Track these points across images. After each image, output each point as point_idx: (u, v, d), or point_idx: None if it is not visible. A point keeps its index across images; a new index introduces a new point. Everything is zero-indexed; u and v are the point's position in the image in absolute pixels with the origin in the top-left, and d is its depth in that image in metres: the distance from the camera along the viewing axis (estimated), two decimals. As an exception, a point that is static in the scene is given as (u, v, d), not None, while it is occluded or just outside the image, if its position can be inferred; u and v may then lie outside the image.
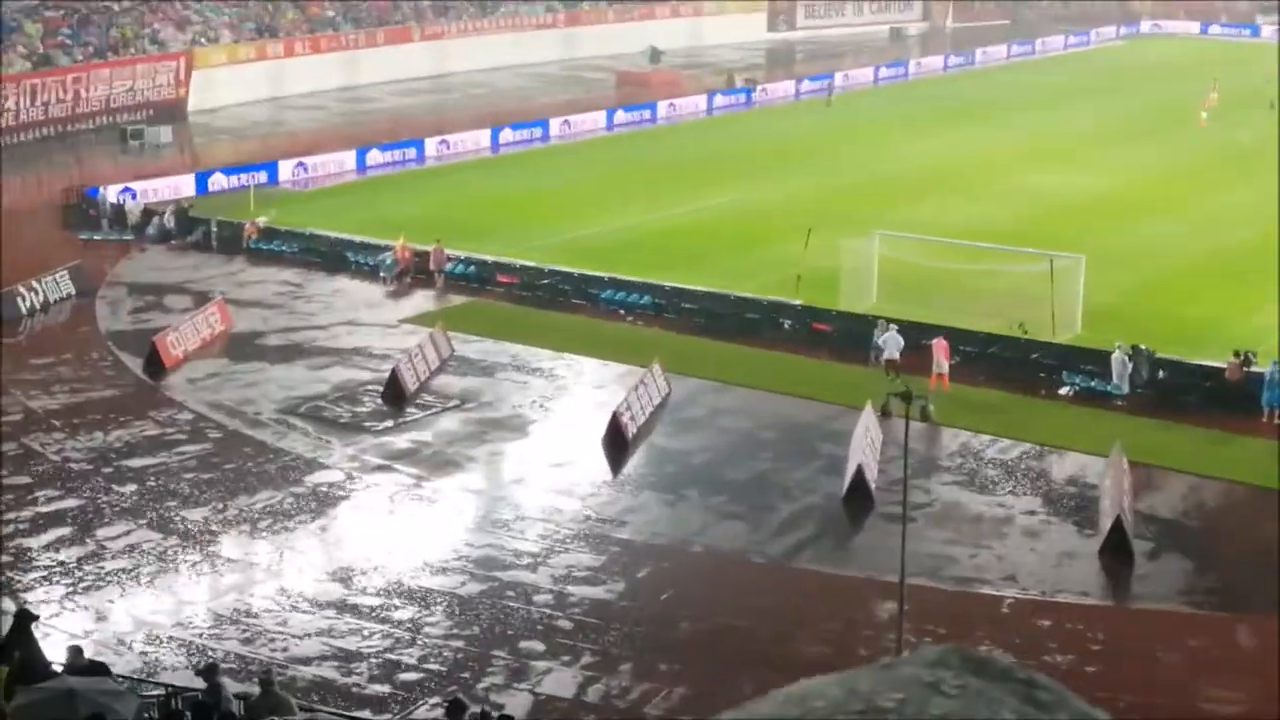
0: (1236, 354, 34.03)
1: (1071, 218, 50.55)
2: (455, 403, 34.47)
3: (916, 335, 35.88)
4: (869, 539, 27.58)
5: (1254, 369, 33.67)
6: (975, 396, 34.49)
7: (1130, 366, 34.42)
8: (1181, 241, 47.75)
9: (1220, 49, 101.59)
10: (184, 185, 54.64)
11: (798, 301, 39.92)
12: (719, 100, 77.84)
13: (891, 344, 35.38)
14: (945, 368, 34.58)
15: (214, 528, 27.82)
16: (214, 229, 48.37)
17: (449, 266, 44.20)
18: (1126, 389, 34.33)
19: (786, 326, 39.20)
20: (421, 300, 43.10)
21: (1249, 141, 64.55)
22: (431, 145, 63.56)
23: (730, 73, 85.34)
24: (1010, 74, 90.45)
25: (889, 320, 36.34)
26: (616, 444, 31.72)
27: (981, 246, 41.79)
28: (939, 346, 34.74)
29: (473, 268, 44.40)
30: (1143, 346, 34.75)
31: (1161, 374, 34.70)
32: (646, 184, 56.77)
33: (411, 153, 62.54)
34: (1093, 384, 34.76)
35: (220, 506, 28.74)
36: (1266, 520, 28.22)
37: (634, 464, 31.30)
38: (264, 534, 27.63)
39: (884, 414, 31.79)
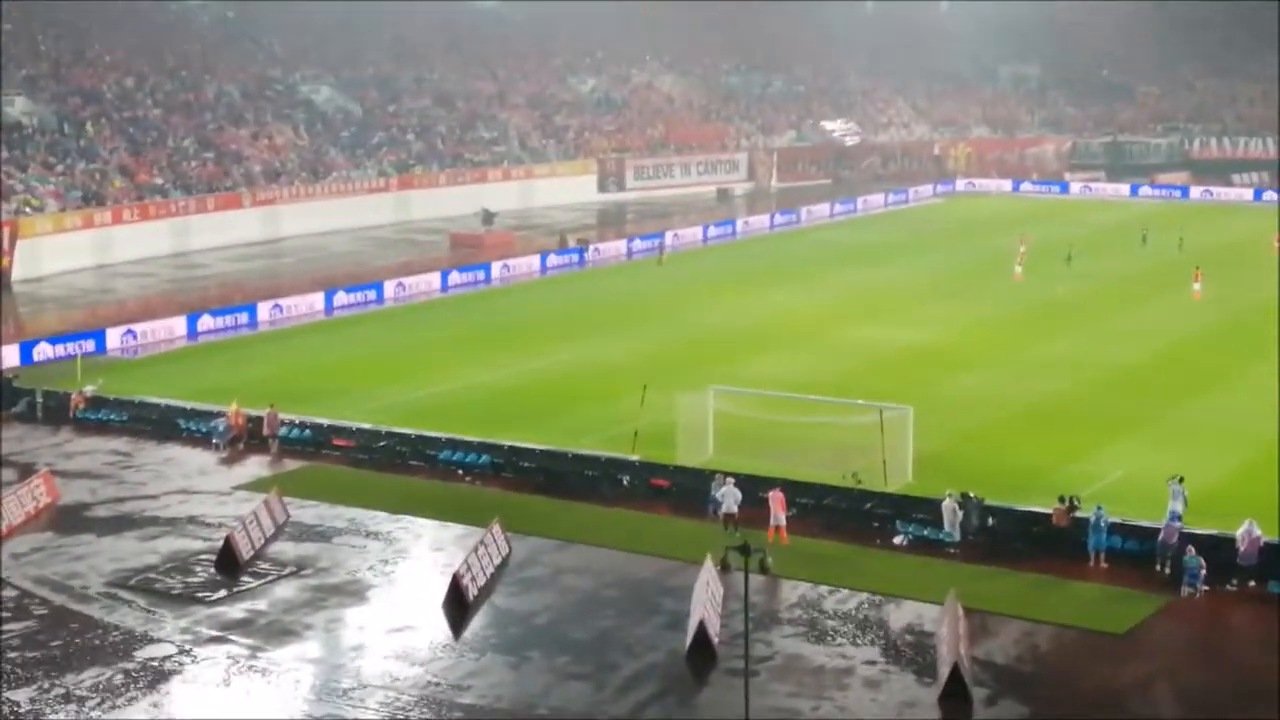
0: (1062, 499, 34.86)
1: (898, 370, 51.70)
2: (291, 570, 33.74)
3: (753, 488, 36.17)
4: (713, 694, 27.46)
5: (1079, 514, 34.50)
6: (813, 548, 34.75)
7: (961, 514, 35.02)
8: (1003, 391, 49.04)
9: (1031, 205, 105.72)
10: (8, 356, 53.27)
11: (635, 457, 40.05)
12: (552, 260, 78.63)
13: (729, 498, 35.60)
14: (783, 520, 34.85)
15: (40, 708, 26.68)
16: (39, 399, 47.15)
17: (283, 431, 43.58)
18: (958, 536, 34.88)
19: (625, 482, 39.22)
20: (256, 466, 42.35)
21: (1063, 294, 66.96)
22: (264, 309, 63.07)
23: (563, 233, 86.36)
24: (834, 232, 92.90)
25: (726, 474, 36.60)
26: (457, 607, 31.28)
27: (813, 399, 42.45)
28: (775, 499, 35.02)
29: (308, 431, 43.84)
30: (972, 494, 35.41)
31: (991, 521, 35.34)
32: (483, 344, 56.86)
33: (244, 317, 61.94)
34: (925, 532, 35.24)
35: (46, 686, 27.61)
36: (1098, 663, 28.76)
37: (476, 626, 30.86)
38: (93, 713, 26.57)
39: (724, 568, 31.88)
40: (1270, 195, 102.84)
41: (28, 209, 74.47)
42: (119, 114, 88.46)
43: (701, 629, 28.72)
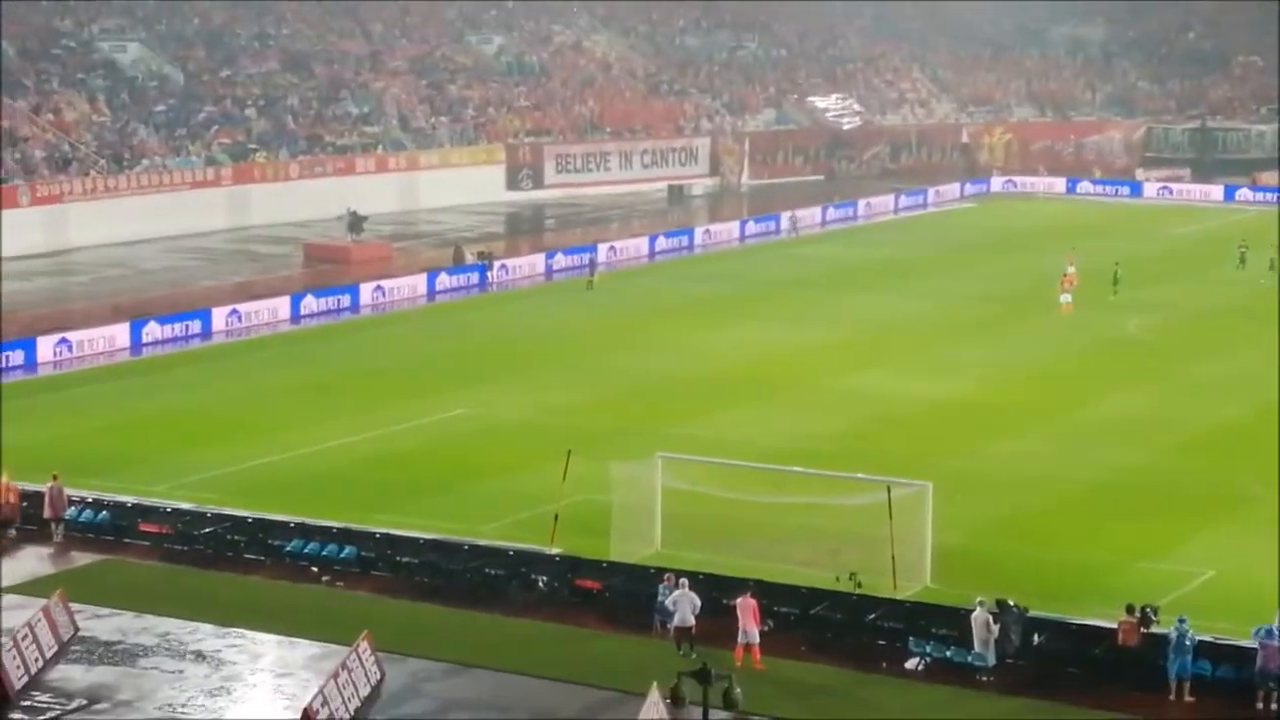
0: (1131, 610, 35.05)
1: (910, 433, 51.88)
2: (80, 704, 33.40)
3: (715, 593, 36.16)
4: None
5: (1154, 629, 34.67)
6: (796, 674, 34.72)
7: (996, 630, 35.12)
8: (1053, 462, 49.27)
9: (1092, 212, 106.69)
10: None
11: (555, 551, 39.95)
12: (444, 281, 78.64)
13: (683, 605, 35.56)
14: (755, 636, 34.83)
15: None
16: None
17: (71, 512, 43.18)
18: (993, 659, 34.96)
19: (541, 585, 39.08)
20: (32, 561, 41.88)
21: (1134, 331, 67.52)
22: (46, 347, 62.64)
23: (459, 245, 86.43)
24: (826, 245, 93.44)
25: (678, 574, 36.61)
26: (309, 754, 31.10)
27: (796, 472, 42.45)
28: (745, 608, 35.01)
29: (105, 513, 43.46)
30: (1011, 602, 35.51)
31: (1036, 638, 35.45)
32: (347, 394, 56.72)
33: (18, 356, 61.52)
34: (949, 653, 35.29)
35: None
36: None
37: (334, 781, 30.70)
38: None
39: (675, 700, 31.76)
40: None
41: None
42: None
43: (644, 784, 28.65)
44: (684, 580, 36.11)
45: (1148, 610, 35.04)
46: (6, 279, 78.34)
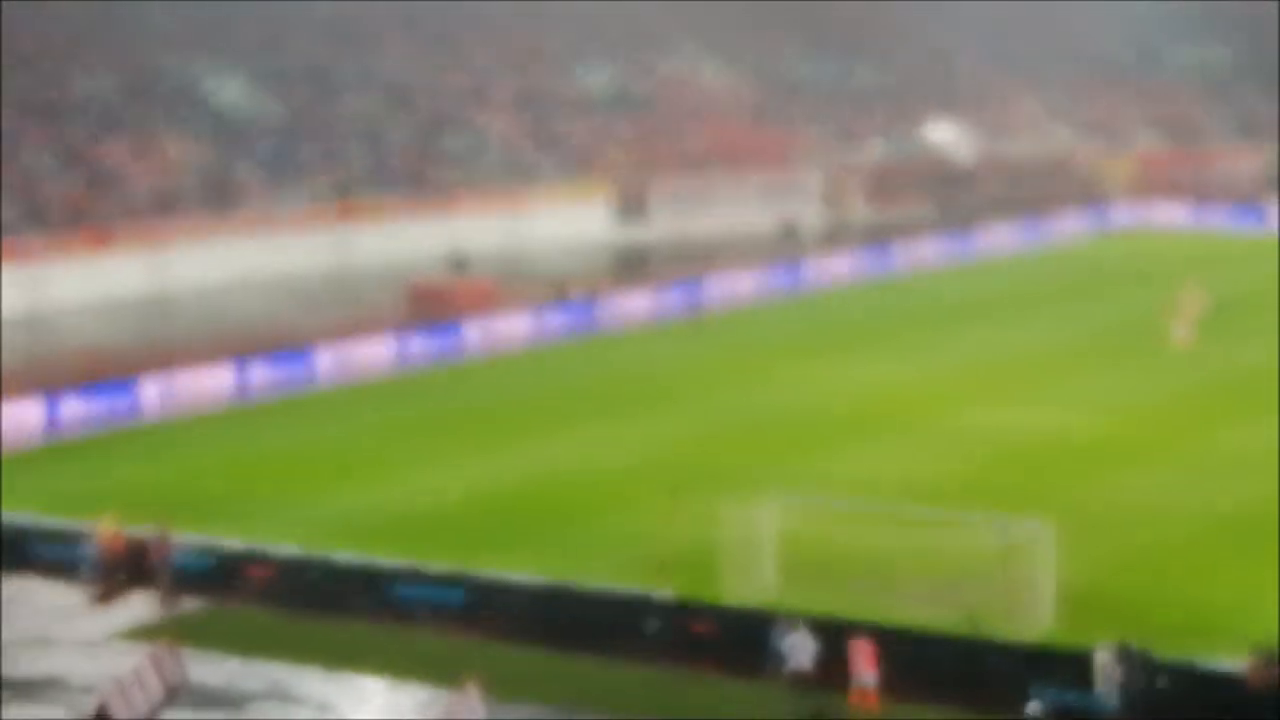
0: (1258, 652, 34.85)
1: (1032, 469, 51.74)
2: (189, 750, 33.87)
3: (831, 636, 36.21)
4: None
5: (1285, 671, 34.47)
6: (913, 718, 34.73)
7: (1120, 672, 35.00)
8: (1180, 497, 49.02)
9: (1216, 241, 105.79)
10: None
11: (666, 594, 40.14)
12: (549, 320, 79.01)
13: (800, 649, 35.64)
14: (870, 680, 34.86)
15: None
16: None
17: (178, 559, 43.72)
18: (1117, 703, 34.85)
19: (652, 629, 39.28)
20: (139, 607, 42.42)
21: (1258, 362, 67.00)
22: (150, 390, 63.45)
23: (563, 283, 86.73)
24: (942, 280, 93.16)
25: (793, 617, 36.68)
26: (419, 801, 31.37)
27: (913, 511, 42.49)
28: (860, 651, 35.05)
29: (211, 559, 43.94)
30: (1135, 646, 35.39)
31: (1162, 682, 35.33)
32: (453, 435, 57.08)
33: (122, 401, 62.32)
34: (1070, 698, 35.18)
35: None
36: None
37: (444, 829, 30.95)
38: None
39: (790, 746, 31.92)
40: None
41: None
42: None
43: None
44: (800, 623, 36.18)
45: (1278, 653, 34.81)
46: (105, 322, 79.36)
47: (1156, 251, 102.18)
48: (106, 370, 67.35)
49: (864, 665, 34.93)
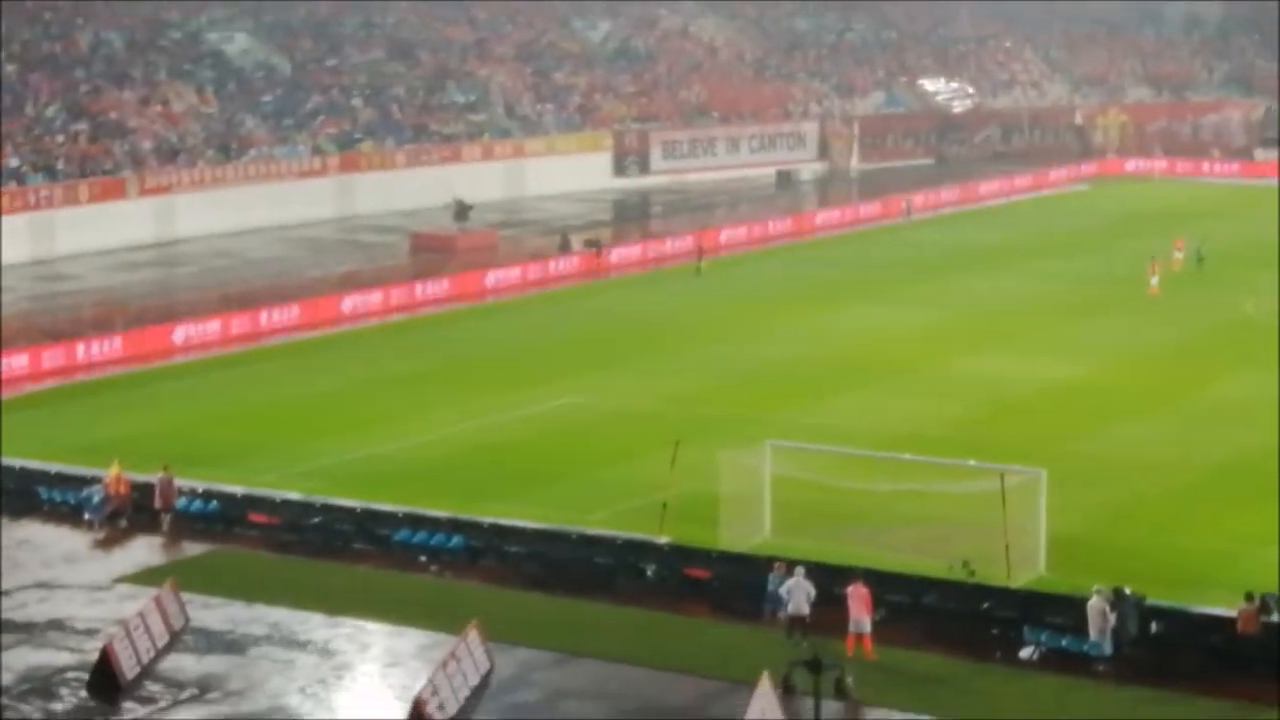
0: (1250, 598, 34.70)
1: (1026, 417, 51.63)
2: (192, 693, 33.74)
3: (826, 581, 36.03)
4: None
5: (1275, 618, 34.30)
6: (909, 662, 34.63)
7: (1113, 618, 34.87)
8: (1173, 447, 48.91)
9: (1208, 193, 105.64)
10: None
11: (664, 539, 39.99)
12: (550, 269, 78.87)
13: (798, 594, 35.51)
14: (867, 625, 34.76)
15: None
16: None
17: (181, 503, 43.66)
18: (1109, 648, 34.72)
19: (650, 574, 39.16)
20: (143, 551, 42.40)
21: (1251, 312, 66.82)
22: (156, 337, 63.37)
23: (565, 233, 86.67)
24: (938, 229, 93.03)
25: (790, 562, 36.56)
26: (419, 744, 31.28)
27: (906, 459, 42.32)
28: (857, 596, 34.95)
29: (215, 504, 43.91)
30: (1128, 590, 35.27)
31: (1154, 627, 35.18)
32: (455, 383, 57.00)
33: (128, 347, 62.21)
34: (1064, 642, 35.08)
35: None
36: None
37: (444, 771, 30.87)
38: None
39: (786, 689, 31.80)
40: None
41: None
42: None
43: (755, 774, 28.66)
44: (799, 569, 36.06)
45: (1268, 598, 34.71)
46: (113, 271, 79.40)
47: (1149, 203, 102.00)
48: (113, 319, 67.36)
49: (860, 610, 34.83)
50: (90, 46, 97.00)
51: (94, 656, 34.45)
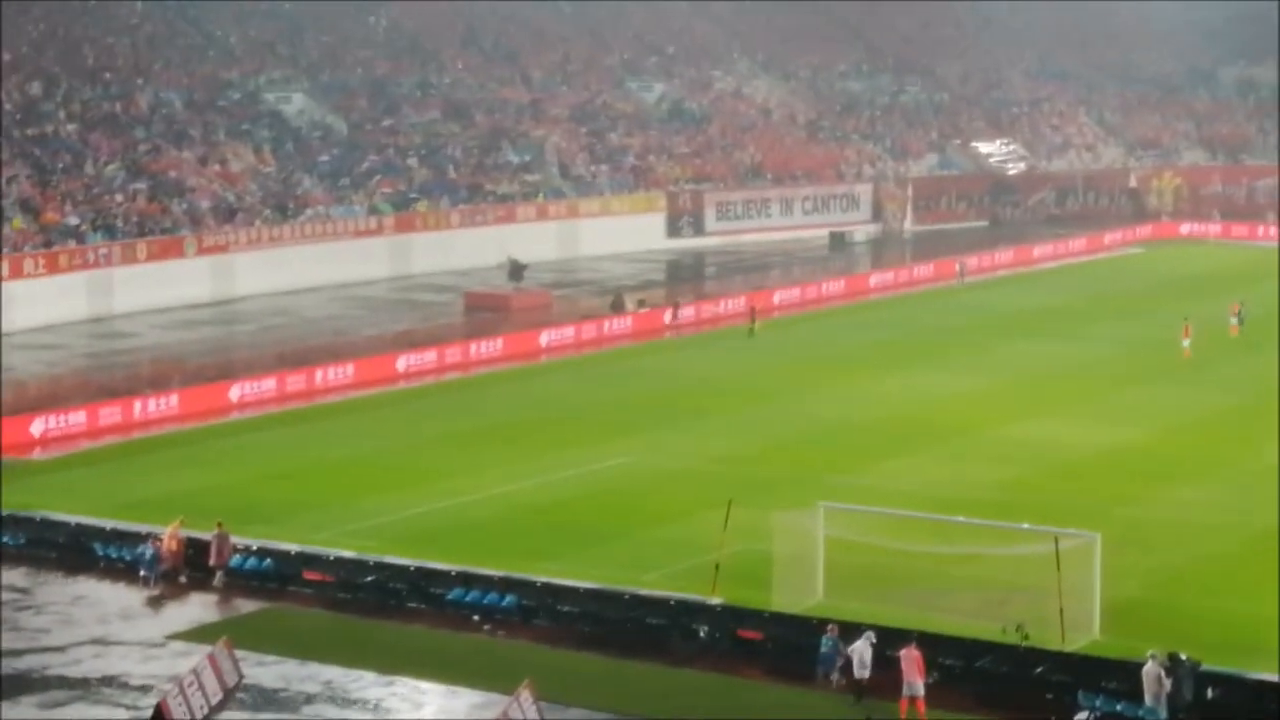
0: (1305, 663, 34.52)
1: (1077, 481, 51.41)
2: (245, 750, 33.84)
3: (880, 643, 35.90)
4: None
5: (1331, 683, 34.12)
6: (961, 727, 34.56)
7: (1168, 684, 34.66)
8: (1224, 512, 48.63)
9: (1263, 257, 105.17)
10: None
11: (717, 600, 39.92)
12: (604, 329, 78.96)
13: (863, 656, 35.45)
14: (920, 688, 34.61)
15: None
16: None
17: (236, 560, 43.77)
18: (1164, 713, 34.51)
19: (702, 635, 39.09)
20: (198, 608, 42.51)
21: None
22: (213, 394, 63.68)
23: (619, 293, 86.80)
24: (992, 292, 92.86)
25: (860, 625, 36.43)
26: (471, 804, 31.26)
27: (960, 522, 42.26)
28: (910, 659, 34.82)
29: (269, 561, 44.00)
30: (1183, 656, 35.06)
31: (1209, 692, 34.95)
32: (508, 441, 57.03)
33: (185, 405, 62.48)
34: (1119, 707, 34.88)
35: None
36: None
37: (495, 831, 30.84)
38: None
39: (839, 753, 31.71)
40: None
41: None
42: (20, 131, 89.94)
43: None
44: (870, 632, 35.98)
45: (1325, 665, 34.48)
46: (170, 329, 79.81)
47: (1203, 266, 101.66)
48: (170, 377, 67.71)
49: (914, 673, 34.72)
50: (150, 106, 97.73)
51: (148, 713, 34.52)
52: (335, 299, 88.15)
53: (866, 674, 35.27)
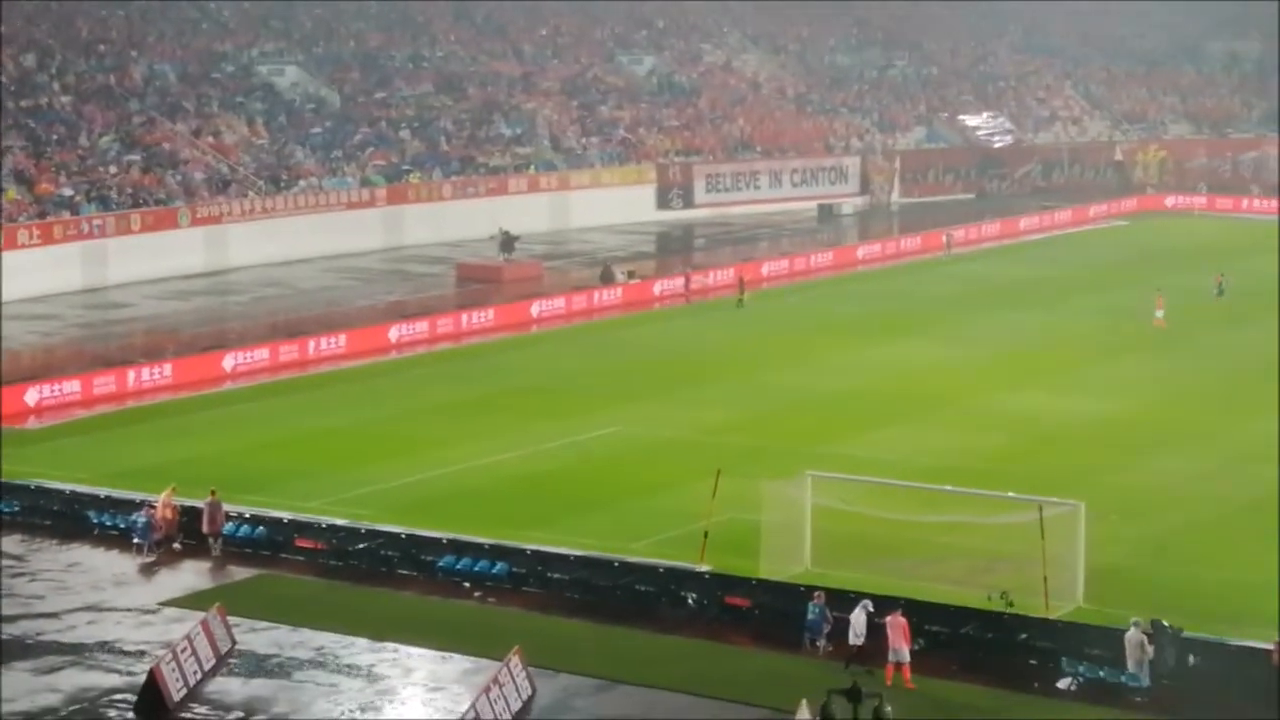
0: (1287, 630, 34.61)
1: (1063, 451, 51.53)
2: (238, 716, 33.84)
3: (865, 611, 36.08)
4: None
5: (1312, 650, 34.18)
6: (946, 693, 34.55)
7: (1151, 650, 34.75)
8: (1208, 481, 48.74)
9: (1246, 230, 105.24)
10: None
11: (705, 568, 39.98)
12: (594, 300, 78.96)
13: (858, 624, 35.52)
14: (905, 655, 34.71)
15: None
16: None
17: (229, 528, 43.79)
18: (1147, 679, 34.60)
19: (691, 602, 39.16)
20: (191, 575, 42.54)
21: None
22: (206, 364, 63.66)
23: (608, 264, 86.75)
24: (978, 263, 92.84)
25: (858, 593, 36.49)
26: (461, 768, 31.32)
27: (946, 490, 42.29)
28: (896, 626, 34.90)
29: (261, 529, 44.02)
30: (1165, 623, 35.15)
31: (1192, 659, 35.03)
32: (499, 412, 57.04)
33: (178, 374, 62.46)
34: (1102, 673, 34.97)
35: None
36: None
37: (485, 795, 30.89)
38: None
39: (825, 717, 31.70)
40: None
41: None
42: (14, 102, 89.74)
43: (793, 802, 28.60)
44: (867, 600, 36.05)
45: (1306, 631, 34.56)
46: (164, 299, 79.76)
47: (1187, 239, 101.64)
48: (164, 346, 67.69)
49: (899, 640, 34.81)
50: (144, 78, 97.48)
51: (142, 679, 34.58)
52: (328, 270, 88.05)
53: (861, 641, 35.37)
